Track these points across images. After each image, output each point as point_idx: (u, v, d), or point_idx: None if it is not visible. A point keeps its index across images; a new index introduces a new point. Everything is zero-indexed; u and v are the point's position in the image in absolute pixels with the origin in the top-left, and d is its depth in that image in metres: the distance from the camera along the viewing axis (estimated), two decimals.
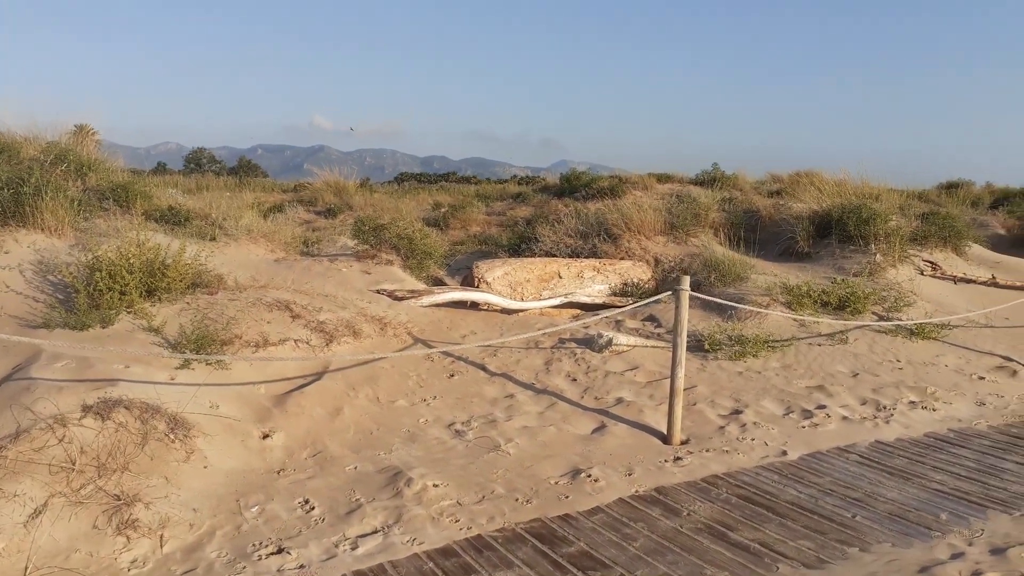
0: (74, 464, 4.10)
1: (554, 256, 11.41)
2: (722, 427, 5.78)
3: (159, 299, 6.59)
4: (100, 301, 6.20)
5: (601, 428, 5.69)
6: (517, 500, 4.41)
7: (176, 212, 9.58)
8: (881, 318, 8.83)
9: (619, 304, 9.86)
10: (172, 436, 4.58)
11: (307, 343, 6.57)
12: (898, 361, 7.59)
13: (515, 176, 52.00)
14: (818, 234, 12.05)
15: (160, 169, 41.09)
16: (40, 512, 3.76)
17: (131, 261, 6.53)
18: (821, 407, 6.26)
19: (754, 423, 5.86)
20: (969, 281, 11.02)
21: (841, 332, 8.25)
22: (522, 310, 9.49)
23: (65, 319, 5.95)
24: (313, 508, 4.23)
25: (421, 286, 9.42)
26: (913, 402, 6.47)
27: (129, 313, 6.27)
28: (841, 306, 8.83)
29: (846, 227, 11.41)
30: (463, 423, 5.69)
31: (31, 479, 3.92)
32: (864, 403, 6.41)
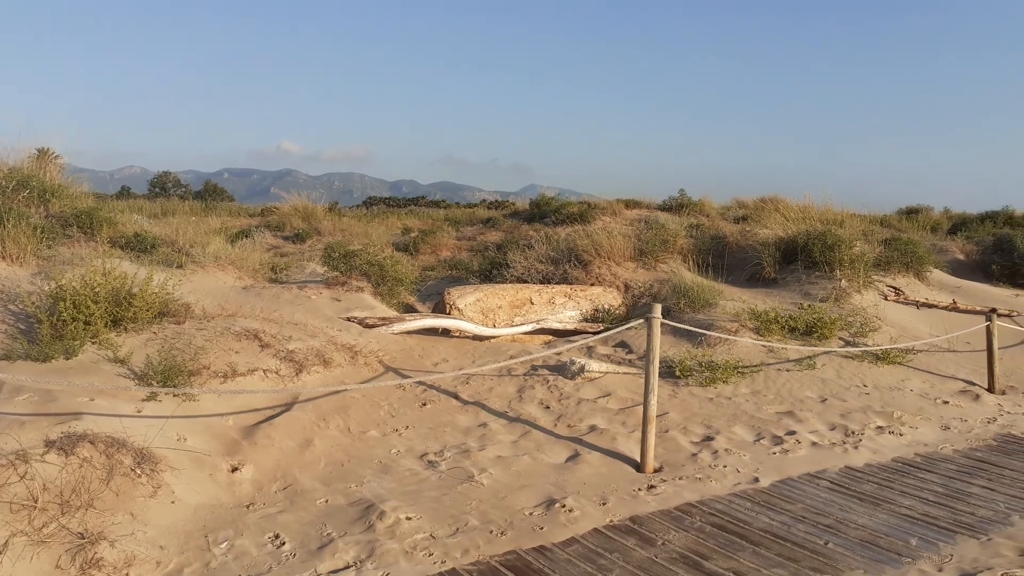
0: (36, 502, 3.98)
1: (525, 282, 11.44)
2: (694, 454, 5.81)
3: (125, 329, 6.47)
4: (64, 331, 6.06)
5: (575, 457, 5.68)
6: (491, 532, 4.37)
7: (142, 239, 9.45)
8: (847, 343, 8.97)
9: (590, 330, 9.90)
10: (138, 471, 4.47)
11: (276, 373, 6.48)
12: (865, 386, 7.71)
13: (484, 201, 52.18)
14: (784, 260, 12.25)
15: (124, 193, 40.48)
16: (0, 552, 3.64)
17: (96, 290, 6.41)
18: (791, 433, 6.32)
19: (726, 449, 5.90)
20: (931, 306, 11.26)
21: (809, 358, 8.37)
22: (494, 336, 9.49)
23: (27, 350, 5.81)
24: (284, 543, 4.15)
25: (392, 313, 9.38)
26: (880, 427, 6.56)
27: (94, 344, 6.15)
28: (808, 332, 8.96)
29: (812, 253, 11.62)
30: (436, 453, 5.64)
31: None
32: (833, 428, 6.49)
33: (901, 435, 6.41)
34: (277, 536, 4.22)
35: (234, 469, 4.98)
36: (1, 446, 4.32)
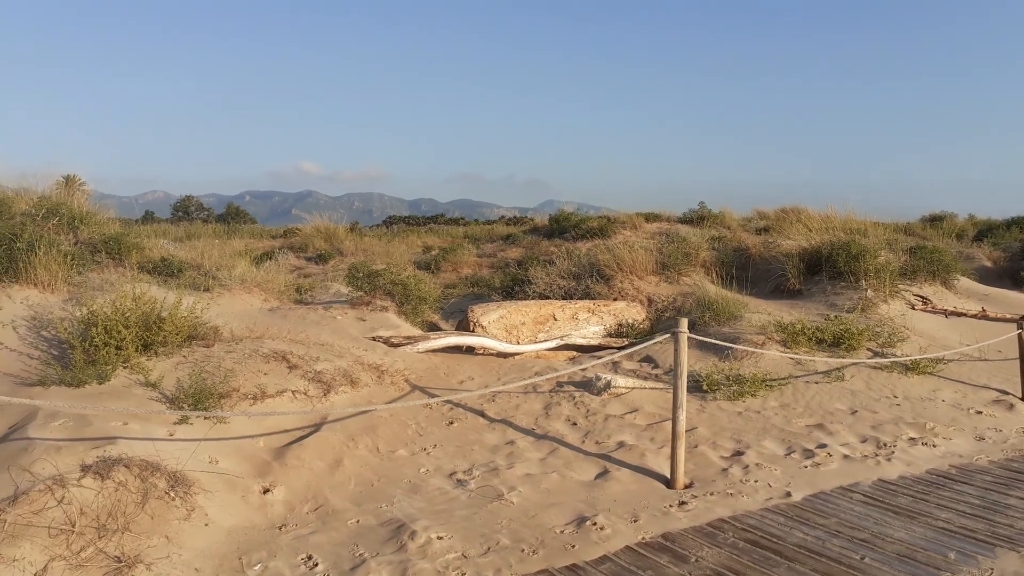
0: (74, 526, 4.03)
1: (548, 298, 11.44)
2: (725, 469, 5.76)
3: (155, 353, 6.56)
4: (96, 357, 6.15)
5: (604, 473, 5.66)
6: (523, 551, 4.36)
7: (169, 263, 9.58)
8: (876, 354, 8.87)
9: (615, 345, 9.88)
10: (172, 494, 4.51)
11: (305, 394, 6.53)
12: (895, 397, 7.62)
13: (503, 217, 52.31)
14: (808, 271, 12.17)
15: (148, 218, 41.07)
16: None
17: (127, 315, 6.51)
18: (822, 446, 6.26)
19: (756, 464, 5.85)
20: (960, 315, 11.12)
21: (837, 369, 8.28)
22: (518, 353, 9.49)
23: (61, 376, 5.90)
24: (317, 564, 4.17)
25: (417, 332, 9.41)
26: (913, 439, 6.48)
27: (126, 368, 6.23)
28: (836, 343, 8.88)
29: (836, 264, 11.53)
30: (464, 472, 5.64)
31: (30, 543, 3.85)
32: (864, 441, 6.41)
33: (935, 447, 6.32)
34: (310, 557, 4.24)
35: (266, 491, 5.01)
36: (38, 471, 4.39)
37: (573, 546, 4.42)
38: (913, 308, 10.87)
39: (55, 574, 3.72)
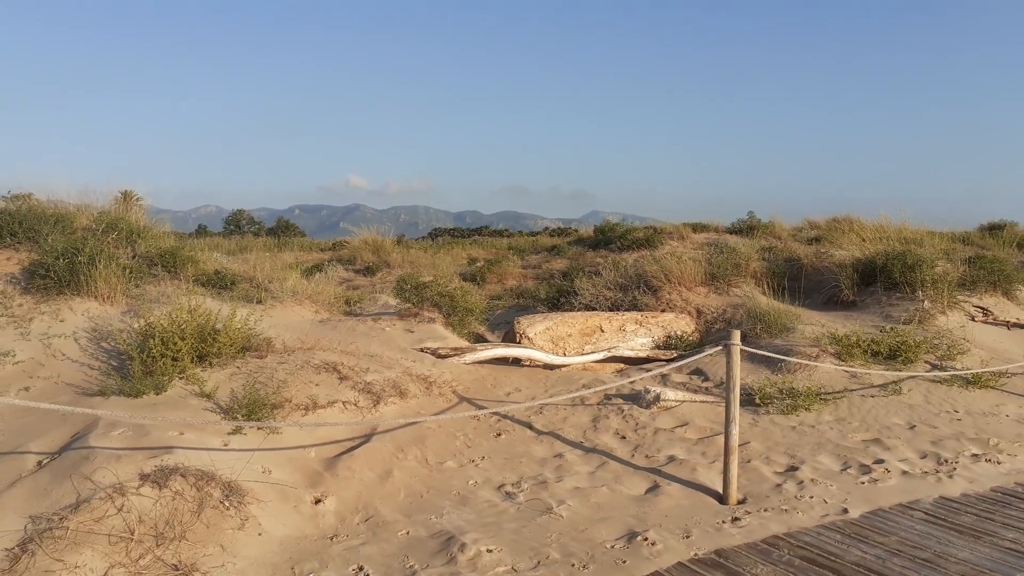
0: (133, 534, 4.12)
1: (594, 309, 11.38)
2: (779, 484, 5.64)
3: (210, 364, 6.69)
4: (153, 367, 6.30)
5: (655, 488, 5.58)
6: (573, 565, 4.32)
7: (223, 276, 9.78)
8: (934, 367, 8.61)
9: (663, 357, 9.77)
10: (227, 503, 4.59)
11: (355, 404, 6.59)
12: (956, 412, 7.38)
13: (547, 228, 52.31)
14: (863, 281, 11.88)
15: (201, 231, 42.07)
16: None
17: (183, 327, 6.65)
18: (879, 461, 6.08)
19: (811, 479, 5.71)
20: (1023, 327, 10.73)
21: (894, 383, 8.06)
22: (565, 365, 9.45)
23: (120, 386, 6.05)
24: None
25: (464, 343, 9.44)
26: (976, 455, 6.25)
27: (181, 379, 6.37)
28: (892, 355, 8.64)
29: (891, 274, 11.24)
30: (513, 485, 5.62)
31: (91, 550, 3.95)
32: (924, 456, 6.22)
33: (999, 463, 6.09)
34: (361, 568, 4.26)
35: (317, 501, 5.06)
36: (99, 479, 4.50)
37: (624, 561, 4.37)
38: (973, 320, 10.53)
39: None
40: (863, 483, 5.66)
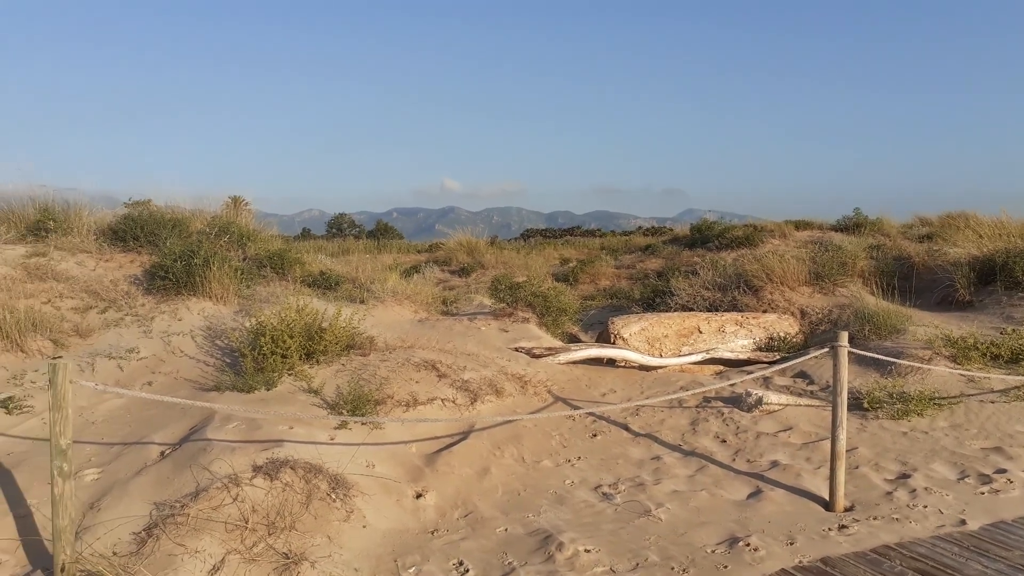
0: (247, 522, 4.34)
1: (691, 310, 11.18)
2: (889, 492, 5.39)
3: (317, 361, 6.96)
4: (264, 364, 6.61)
5: (756, 493, 5.44)
6: (673, 569, 4.27)
7: (327, 277, 10.14)
8: None
9: (764, 360, 9.50)
10: (333, 496, 4.76)
11: (453, 402, 6.72)
12: None
13: (641, 228, 51.62)
14: (980, 281, 11.20)
15: (305, 234, 43.66)
16: (218, 568, 3.98)
17: (291, 326, 6.94)
18: (1001, 471, 5.72)
19: (925, 488, 5.43)
20: None
21: (1017, 388, 7.55)
22: (661, 367, 9.33)
23: (233, 382, 6.38)
24: (468, 571, 4.26)
25: (558, 343, 9.46)
26: None
27: (290, 375, 6.65)
28: (1015, 359, 8.10)
29: (1013, 273, 10.55)
30: (610, 486, 5.60)
31: (210, 536, 4.17)
32: None
33: None
34: (461, 563, 4.34)
35: (418, 495, 5.19)
36: (216, 470, 4.76)
37: (725, 566, 4.28)
38: None
39: (231, 566, 4.01)
40: (982, 493, 5.34)
